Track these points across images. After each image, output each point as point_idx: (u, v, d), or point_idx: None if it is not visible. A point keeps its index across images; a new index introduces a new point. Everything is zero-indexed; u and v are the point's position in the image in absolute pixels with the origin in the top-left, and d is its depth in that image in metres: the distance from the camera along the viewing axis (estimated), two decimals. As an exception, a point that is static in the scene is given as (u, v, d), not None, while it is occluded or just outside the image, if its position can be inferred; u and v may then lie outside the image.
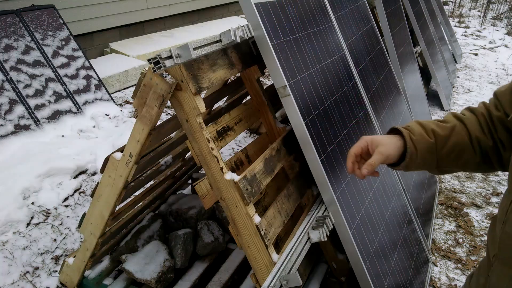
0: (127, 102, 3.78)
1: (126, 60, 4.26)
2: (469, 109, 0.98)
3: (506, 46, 7.40)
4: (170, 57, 1.01)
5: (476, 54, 6.87)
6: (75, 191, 2.55)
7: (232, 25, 1.40)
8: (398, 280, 1.68)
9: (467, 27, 8.53)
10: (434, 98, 4.75)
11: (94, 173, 2.74)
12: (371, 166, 0.91)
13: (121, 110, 3.51)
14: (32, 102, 3.06)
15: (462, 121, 0.95)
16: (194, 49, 1.07)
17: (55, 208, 2.39)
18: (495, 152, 0.92)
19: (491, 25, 8.87)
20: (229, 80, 2.11)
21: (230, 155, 3.15)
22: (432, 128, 0.94)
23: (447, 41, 6.09)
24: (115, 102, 3.58)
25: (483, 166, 0.95)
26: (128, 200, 2.06)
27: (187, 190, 2.49)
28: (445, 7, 9.60)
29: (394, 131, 0.99)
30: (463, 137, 0.93)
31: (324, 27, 1.80)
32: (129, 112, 3.56)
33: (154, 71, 1.01)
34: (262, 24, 1.33)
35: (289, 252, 1.29)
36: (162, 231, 2.01)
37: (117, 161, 1.40)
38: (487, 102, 0.97)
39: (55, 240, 2.17)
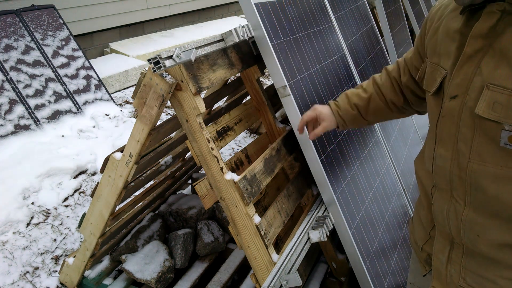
0: (127, 102, 3.78)
1: (126, 60, 4.27)
2: (387, 71, 1.22)
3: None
4: (170, 57, 1.01)
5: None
6: (75, 191, 2.55)
7: (232, 25, 1.40)
8: (398, 280, 1.68)
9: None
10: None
11: (94, 173, 2.74)
12: (315, 136, 1.26)
13: (121, 110, 3.51)
14: (32, 102, 3.06)
15: (378, 88, 1.22)
16: (196, 48, 1.07)
17: (55, 208, 2.39)
18: (408, 105, 1.20)
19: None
20: (229, 80, 2.11)
21: (230, 155, 3.15)
22: (355, 102, 1.24)
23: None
24: (115, 102, 3.58)
25: (401, 116, 1.26)
26: (128, 200, 2.06)
27: (187, 190, 2.49)
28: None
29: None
30: (379, 102, 1.21)
31: (324, 27, 1.80)
32: (129, 112, 3.56)
33: (154, 71, 1.01)
34: (262, 24, 1.33)
35: (289, 252, 1.29)
36: (162, 231, 2.01)
37: (117, 161, 1.40)
38: (401, 63, 1.18)
39: (55, 240, 2.17)
